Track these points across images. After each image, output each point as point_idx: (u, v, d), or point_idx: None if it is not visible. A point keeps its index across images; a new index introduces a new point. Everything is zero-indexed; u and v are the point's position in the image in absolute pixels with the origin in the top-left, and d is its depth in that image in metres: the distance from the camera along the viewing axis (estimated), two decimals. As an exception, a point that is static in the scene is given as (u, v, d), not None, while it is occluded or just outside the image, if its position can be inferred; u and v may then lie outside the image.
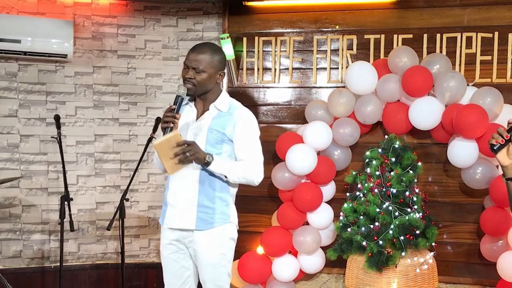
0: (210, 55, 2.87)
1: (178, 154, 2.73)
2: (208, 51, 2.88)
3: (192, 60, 2.86)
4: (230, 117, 2.92)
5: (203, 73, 2.85)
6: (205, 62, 2.85)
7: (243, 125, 2.92)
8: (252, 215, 4.54)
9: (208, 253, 2.92)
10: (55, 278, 4.40)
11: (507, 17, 4.04)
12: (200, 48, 2.89)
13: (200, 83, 2.87)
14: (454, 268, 4.20)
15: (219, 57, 2.92)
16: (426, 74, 3.87)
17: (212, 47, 2.93)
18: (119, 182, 4.69)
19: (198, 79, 2.86)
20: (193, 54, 2.87)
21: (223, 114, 2.92)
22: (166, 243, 3.02)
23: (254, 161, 2.94)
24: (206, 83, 2.89)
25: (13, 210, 4.48)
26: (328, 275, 4.42)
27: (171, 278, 3.05)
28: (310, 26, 4.46)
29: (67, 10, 4.50)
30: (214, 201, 2.91)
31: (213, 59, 2.87)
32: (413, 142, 4.19)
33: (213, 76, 2.90)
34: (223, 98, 2.97)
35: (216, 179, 2.92)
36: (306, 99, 4.47)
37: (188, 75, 2.86)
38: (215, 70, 2.89)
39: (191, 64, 2.86)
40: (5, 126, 4.47)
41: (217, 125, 2.90)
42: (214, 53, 2.89)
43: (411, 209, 3.76)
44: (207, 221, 2.91)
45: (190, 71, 2.86)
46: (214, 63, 2.88)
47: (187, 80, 2.87)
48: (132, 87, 4.70)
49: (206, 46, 2.91)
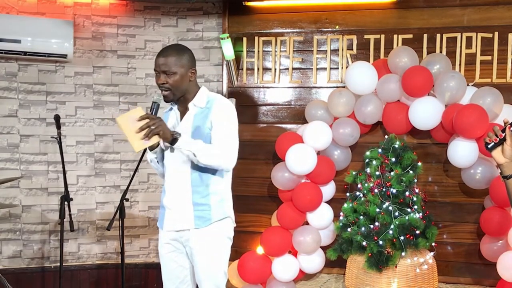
0: (176, 55, 2.87)
1: (143, 128, 2.70)
2: (173, 52, 2.88)
3: (160, 65, 2.87)
4: (208, 110, 2.92)
5: (174, 74, 2.86)
6: (173, 63, 2.85)
7: (217, 112, 2.91)
8: (252, 215, 4.54)
9: (204, 252, 2.92)
10: (55, 278, 4.40)
11: (507, 17, 4.04)
12: (165, 51, 2.90)
13: (173, 85, 2.87)
14: (454, 268, 4.20)
15: (186, 55, 2.91)
16: (426, 74, 3.87)
17: (176, 48, 2.95)
18: (119, 182, 4.69)
19: (171, 81, 2.87)
20: (160, 58, 2.87)
21: (202, 109, 2.93)
22: (163, 242, 3.04)
23: (225, 146, 2.87)
24: (180, 84, 2.89)
25: (13, 210, 4.48)
26: (328, 275, 4.42)
27: (169, 277, 3.06)
28: (310, 26, 4.46)
29: (67, 10, 4.50)
30: (209, 198, 2.92)
31: (180, 58, 2.88)
32: (413, 142, 4.19)
33: (185, 75, 2.90)
34: (201, 94, 2.97)
35: (207, 177, 2.91)
36: (306, 99, 4.48)
37: (161, 80, 2.88)
38: (185, 69, 2.89)
39: (160, 69, 2.87)
40: (5, 126, 4.47)
41: (198, 122, 2.91)
42: (179, 52, 2.89)
43: (411, 209, 3.76)
44: (204, 218, 2.91)
45: (161, 76, 2.87)
46: (182, 62, 2.88)
47: (161, 85, 2.89)
48: (132, 87, 4.70)
49: (170, 48, 2.93)
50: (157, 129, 2.72)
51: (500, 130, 2.39)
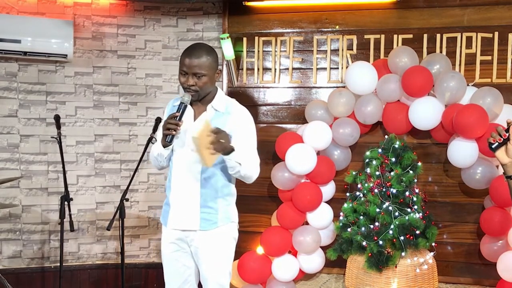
0: (206, 57, 2.82)
1: (214, 142, 2.67)
2: (204, 53, 2.82)
3: (191, 67, 2.79)
4: (228, 116, 2.91)
5: (204, 77, 2.82)
6: (204, 65, 2.80)
7: (243, 124, 2.92)
8: (252, 215, 4.54)
9: (210, 252, 2.93)
10: (55, 278, 4.40)
11: (507, 17, 4.04)
12: (196, 52, 2.82)
13: (202, 88, 2.84)
14: (454, 268, 4.20)
15: (214, 56, 2.88)
16: (426, 74, 3.87)
17: (206, 49, 2.87)
18: (119, 182, 4.69)
19: (200, 84, 2.82)
20: (191, 60, 2.80)
21: (221, 114, 2.91)
22: (167, 241, 3.02)
23: (256, 159, 2.94)
24: (208, 86, 2.87)
25: (13, 210, 4.48)
26: (328, 275, 4.42)
27: (172, 277, 3.05)
28: (310, 26, 4.46)
29: (67, 10, 4.50)
30: (217, 201, 2.92)
31: (210, 61, 2.84)
32: (413, 142, 4.19)
33: (213, 77, 2.88)
34: (220, 97, 2.95)
35: (217, 180, 2.92)
36: (306, 99, 4.47)
37: (190, 82, 2.82)
38: (213, 71, 2.87)
39: (191, 71, 2.80)
40: (5, 126, 4.48)
41: (217, 125, 2.88)
42: (209, 54, 2.85)
43: (411, 209, 3.76)
44: (210, 221, 2.92)
45: (190, 78, 2.82)
46: (212, 64, 2.84)
47: (189, 87, 2.83)
48: (132, 87, 4.70)
49: (200, 49, 2.84)
50: (226, 142, 2.70)
51: (504, 130, 2.40)
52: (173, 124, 2.78)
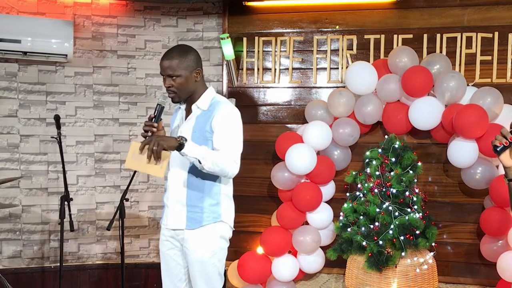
0: (179, 58, 2.86)
1: (149, 155, 2.70)
2: (176, 55, 2.87)
3: (164, 69, 2.88)
4: (209, 113, 2.91)
5: (179, 77, 2.87)
6: (176, 66, 2.86)
7: (220, 117, 2.89)
8: (251, 215, 4.54)
9: (197, 251, 2.91)
10: (55, 278, 4.40)
11: (507, 17, 4.04)
12: (168, 54, 2.89)
13: (179, 88, 2.89)
14: (454, 268, 4.20)
15: (190, 56, 2.91)
16: (426, 74, 3.87)
17: (180, 50, 2.92)
18: (119, 182, 4.69)
19: (176, 84, 2.88)
20: (164, 62, 2.88)
21: (205, 112, 2.93)
22: (163, 239, 3.06)
23: (230, 152, 2.86)
24: (185, 86, 2.90)
25: (13, 210, 4.48)
26: (328, 275, 4.42)
27: (167, 274, 3.07)
28: (310, 26, 4.46)
29: (67, 10, 4.50)
30: (203, 200, 2.91)
31: (183, 61, 2.87)
32: (413, 142, 4.19)
33: (190, 77, 2.90)
34: (205, 96, 2.97)
35: (203, 179, 2.90)
36: (306, 99, 4.47)
37: (167, 84, 2.90)
38: (189, 70, 2.89)
39: (164, 73, 2.89)
40: (5, 126, 4.48)
41: (199, 124, 2.91)
42: (182, 54, 2.88)
43: (411, 209, 3.76)
44: (196, 220, 2.91)
45: (167, 80, 2.89)
46: (185, 64, 2.88)
47: (168, 89, 2.91)
48: (132, 87, 4.70)
49: (173, 51, 2.91)
50: (160, 146, 2.69)
51: (509, 133, 2.35)
52: (149, 126, 2.82)
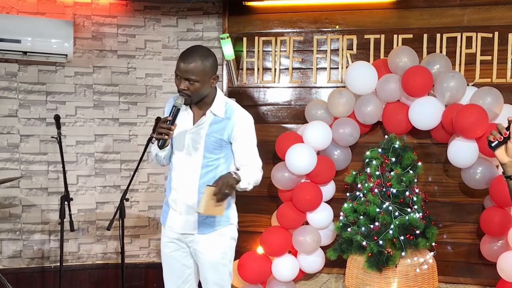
0: (201, 62, 2.74)
1: (221, 199, 2.70)
2: (199, 58, 2.75)
3: (183, 72, 2.74)
4: (228, 121, 2.88)
5: (197, 82, 2.75)
6: (197, 71, 2.73)
7: (243, 129, 2.90)
8: (252, 215, 4.54)
9: (209, 253, 2.92)
10: (55, 278, 4.40)
11: (507, 17, 4.04)
12: (189, 57, 2.75)
13: (194, 93, 2.79)
14: (454, 268, 4.20)
15: (210, 61, 2.79)
16: (426, 74, 3.87)
17: (202, 53, 2.79)
18: (119, 182, 4.69)
19: (192, 89, 2.77)
20: (184, 64, 2.74)
21: (220, 119, 2.88)
22: (167, 241, 3.01)
23: (255, 163, 2.96)
24: (201, 91, 2.81)
25: (13, 210, 4.48)
26: (328, 275, 4.42)
27: (171, 277, 3.04)
28: (310, 26, 4.46)
29: (67, 10, 4.50)
30: None
31: (204, 66, 2.76)
32: (413, 142, 4.20)
33: (207, 82, 2.81)
34: (219, 101, 2.90)
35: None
36: (306, 99, 4.48)
37: (182, 86, 2.77)
38: (208, 76, 2.79)
39: (183, 76, 2.75)
40: (5, 126, 4.47)
41: (215, 131, 2.87)
42: (204, 59, 2.76)
43: (411, 209, 3.76)
44: (208, 225, 2.92)
45: (183, 83, 2.77)
46: (206, 70, 2.76)
47: (182, 91, 2.79)
48: (132, 87, 4.70)
49: (195, 54, 2.77)
50: (230, 190, 2.72)
51: (504, 128, 2.31)
52: (165, 129, 2.75)
